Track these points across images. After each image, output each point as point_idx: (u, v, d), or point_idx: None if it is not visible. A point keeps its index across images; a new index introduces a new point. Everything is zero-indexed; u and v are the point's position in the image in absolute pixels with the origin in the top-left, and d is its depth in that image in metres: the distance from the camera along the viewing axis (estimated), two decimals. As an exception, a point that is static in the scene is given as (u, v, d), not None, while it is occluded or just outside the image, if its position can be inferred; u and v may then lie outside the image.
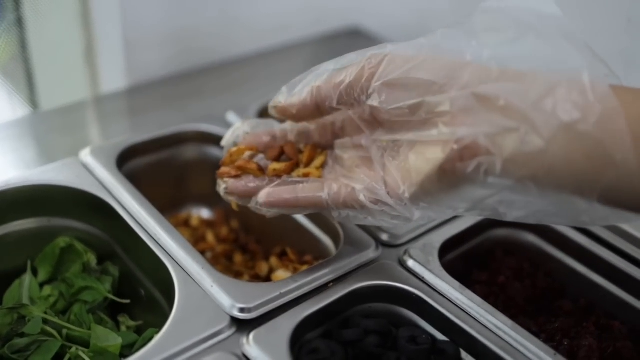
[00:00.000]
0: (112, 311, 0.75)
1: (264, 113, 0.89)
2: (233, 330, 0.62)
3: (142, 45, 0.95)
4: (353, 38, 1.14)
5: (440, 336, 0.66)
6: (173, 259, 0.68)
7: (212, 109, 0.89)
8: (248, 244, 0.83)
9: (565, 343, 0.69)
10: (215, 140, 0.85)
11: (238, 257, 0.82)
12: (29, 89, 1.01)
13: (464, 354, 0.65)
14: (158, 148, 0.84)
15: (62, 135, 0.89)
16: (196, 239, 0.83)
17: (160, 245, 0.69)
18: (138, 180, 0.78)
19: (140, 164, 0.83)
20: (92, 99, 0.96)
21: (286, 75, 0.94)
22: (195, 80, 0.98)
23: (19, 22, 0.98)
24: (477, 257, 0.78)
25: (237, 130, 0.68)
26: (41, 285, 0.75)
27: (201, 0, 0.98)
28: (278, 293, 0.65)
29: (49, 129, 0.89)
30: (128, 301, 0.73)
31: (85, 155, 0.78)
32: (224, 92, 0.95)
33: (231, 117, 0.87)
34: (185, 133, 0.85)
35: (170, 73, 0.98)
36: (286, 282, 0.66)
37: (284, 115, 0.64)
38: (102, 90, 0.97)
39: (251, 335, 0.61)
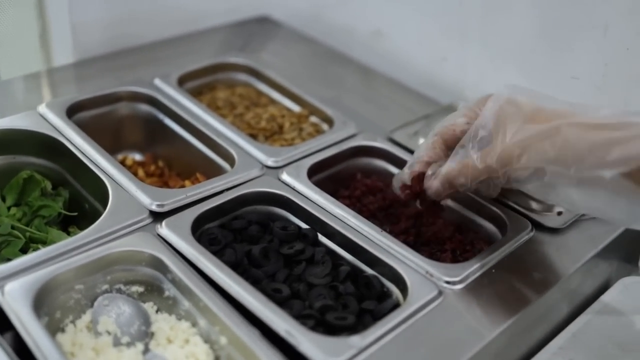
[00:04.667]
0: (64, 225, 0.98)
1: (181, 80, 1.13)
2: (151, 219, 0.86)
3: (86, 29, 1.19)
4: (260, 24, 1.39)
5: (304, 226, 0.91)
6: (109, 176, 0.91)
7: (142, 76, 1.13)
8: (170, 176, 1.07)
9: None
10: (143, 98, 1.09)
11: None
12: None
13: (320, 237, 0.90)
14: (98, 104, 1.07)
15: (21, 96, 1.11)
16: (130, 175, 1.06)
17: (100, 168, 0.93)
18: (84, 129, 1.01)
19: (86, 116, 1.06)
20: (45, 70, 1.19)
21: (202, 53, 1.19)
22: (129, 57, 1.21)
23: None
24: (342, 179, 1.03)
25: (401, 176, 0.89)
26: (9, 208, 0.98)
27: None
28: (184, 195, 0.89)
29: (10, 92, 1.11)
30: (76, 214, 0.97)
31: (42, 108, 1.02)
32: (152, 65, 1.18)
33: (157, 81, 1.12)
34: (120, 93, 1.09)
35: (110, 51, 1.22)
36: (191, 188, 0.91)
37: None
38: (53, 64, 1.21)
39: (164, 222, 0.85)
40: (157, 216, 0.87)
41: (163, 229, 0.84)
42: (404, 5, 1.24)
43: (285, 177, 0.95)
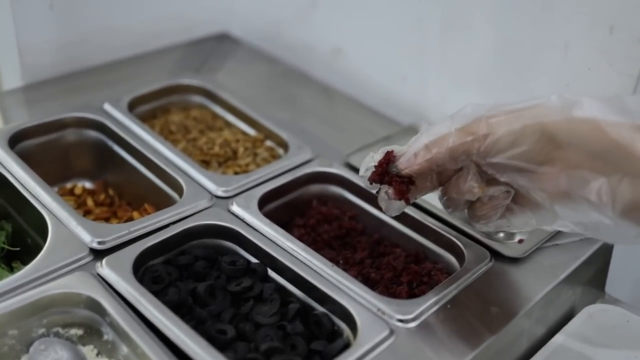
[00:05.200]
0: (7, 260, 0.94)
1: (133, 104, 1.10)
2: (91, 257, 0.82)
3: (33, 52, 1.15)
4: (219, 42, 1.35)
5: (254, 260, 0.88)
6: (49, 210, 0.87)
7: (92, 101, 1.09)
8: (120, 205, 1.03)
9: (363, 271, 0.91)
10: (91, 124, 1.05)
11: (114, 220, 1.02)
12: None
13: (270, 272, 0.86)
14: (44, 132, 1.03)
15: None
16: (79, 204, 1.03)
17: (40, 202, 0.89)
18: (30, 158, 0.97)
19: (31, 145, 1.02)
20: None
21: (157, 74, 1.15)
22: (80, 80, 1.17)
23: None
24: (298, 206, 1.00)
25: (370, 161, 0.79)
26: (-51, 243, 0.94)
27: (84, 13, 1.19)
28: (127, 231, 0.85)
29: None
30: (18, 249, 0.93)
31: (-17, 138, 0.98)
32: (103, 88, 1.14)
33: (107, 106, 1.08)
34: (66, 119, 1.05)
35: (61, 74, 1.18)
36: (135, 223, 0.87)
37: None
38: (3, 88, 1.17)
39: (104, 261, 0.81)
40: (98, 254, 0.83)
41: (103, 268, 0.80)
42: (363, 23, 1.21)
43: (234, 208, 0.91)
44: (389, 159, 0.77)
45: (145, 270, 0.84)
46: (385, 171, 0.77)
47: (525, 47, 1.02)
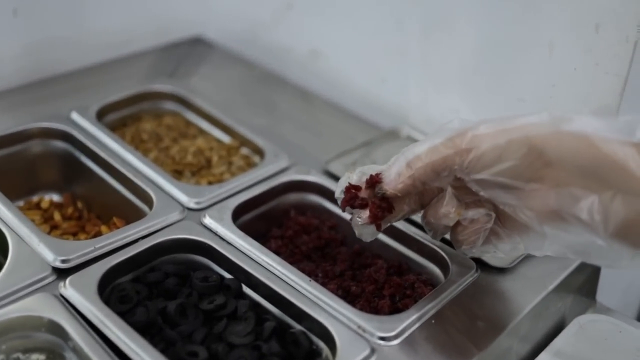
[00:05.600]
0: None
1: (102, 112, 1.05)
2: (54, 277, 0.78)
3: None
4: (193, 46, 1.31)
5: (227, 275, 0.83)
6: (9, 227, 0.83)
7: (59, 110, 1.04)
8: (90, 218, 0.99)
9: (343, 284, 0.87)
10: (58, 135, 1.01)
11: (82, 235, 0.97)
12: None
13: (245, 288, 0.82)
14: (7, 144, 0.98)
15: None
16: (45, 219, 0.98)
17: (0, 218, 0.84)
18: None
19: (-8, 158, 0.98)
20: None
21: (128, 80, 1.11)
22: (47, 88, 1.12)
23: None
24: (275, 217, 0.96)
25: (346, 181, 0.75)
26: None
27: (50, 18, 1.13)
28: (93, 247, 0.81)
29: None
30: (-20, 268, 0.88)
31: (-59, 152, 0.93)
32: (70, 96, 1.09)
33: (74, 115, 1.03)
34: (31, 130, 1.00)
35: (26, 82, 1.13)
36: (101, 239, 0.82)
37: None
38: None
39: (67, 280, 0.77)
40: (62, 273, 0.78)
41: (66, 289, 0.76)
42: (342, 24, 1.16)
43: (207, 220, 0.87)
44: (376, 180, 0.73)
45: (112, 290, 0.79)
46: (355, 195, 0.74)
47: (509, 48, 0.98)
